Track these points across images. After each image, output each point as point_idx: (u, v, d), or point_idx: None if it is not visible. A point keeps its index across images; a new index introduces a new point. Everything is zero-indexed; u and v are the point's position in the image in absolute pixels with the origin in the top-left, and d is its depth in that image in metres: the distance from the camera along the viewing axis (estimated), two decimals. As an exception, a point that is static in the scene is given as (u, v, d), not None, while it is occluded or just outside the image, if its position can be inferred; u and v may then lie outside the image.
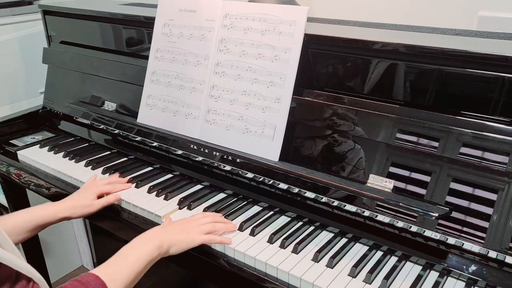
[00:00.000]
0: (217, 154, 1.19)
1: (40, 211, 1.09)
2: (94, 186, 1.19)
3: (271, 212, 1.12)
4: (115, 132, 1.42)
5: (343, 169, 1.03)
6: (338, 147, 1.04)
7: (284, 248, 0.99)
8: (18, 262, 0.71)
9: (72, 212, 1.12)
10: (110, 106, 1.47)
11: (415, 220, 0.93)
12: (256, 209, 1.14)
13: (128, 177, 1.27)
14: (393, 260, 0.96)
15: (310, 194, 1.06)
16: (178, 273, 1.89)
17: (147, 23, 1.38)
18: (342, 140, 1.03)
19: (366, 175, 1.00)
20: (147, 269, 0.91)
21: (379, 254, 0.98)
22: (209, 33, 1.21)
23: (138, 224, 1.13)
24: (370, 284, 0.89)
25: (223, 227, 1.03)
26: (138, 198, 1.18)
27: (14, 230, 1.03)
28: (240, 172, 1.16)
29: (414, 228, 0.94)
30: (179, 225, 1.00)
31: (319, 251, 0.97)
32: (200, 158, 1.23)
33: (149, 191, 1.21)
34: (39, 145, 1.50)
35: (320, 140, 1.07)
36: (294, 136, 1.10)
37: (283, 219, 1.10)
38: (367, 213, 0.99)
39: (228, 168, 1.18)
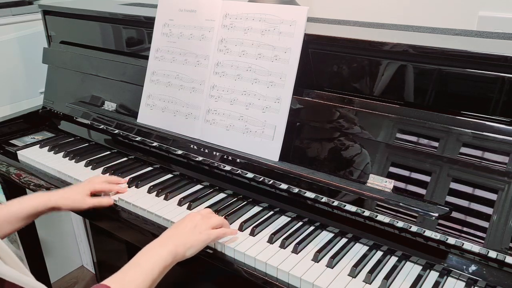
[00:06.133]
0: (217, 154, 1.19)
1: (31, 200, 1.09)
2: (90, 182, 1.18)
3: (271, 212, 1.12)
4: (115, 132, 1.42)
5: (343, 169, 1.03)
6: (338, 147, 1.04)
7: (284, 248, 0.99)
8: (22, 277, 0.69)
9: (61, 203, 1.11)
10: (110, 106, 1.47)
11: (415, 220, 0.93)
12: (256, 209, 1.14)
13: (128, 177, 1.27)
14: (393, 260, 0.96)
15: (310, 194, 1.06)
16: (178, 272, 1.89)
17: (147, 23, 1.38)
18: (342, 140, 1.03)
19: (366, 175, 1.00)
20: (162, 275, 0.88)
21: (379, 254, 0.98)
22: (209, 33, 1.21)
23: (138, 224, 1.13)
24: (370, 284, 0.89)
25: (227, 223, 1.04)
26: (138, 198, 1.18)
27: (8, 219, 1.04)
28: (240, 172, 1.16)
29: (414, 228, 0.94)
30: (189, 221, 0.97)
31: (319, 251, 0.97)
32: (200, 158, 1.23)
33: (149, 191, 1.21)
34: (39, 145, 1.50)
35: (320, 140, 1.07)
36: (294, 136, 1.10)
37: (283, 219, 1.10)
38: (367, 213, 0.99)
39: (228, 168, 1.18)
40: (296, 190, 1.08)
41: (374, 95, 1.03)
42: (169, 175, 1.31)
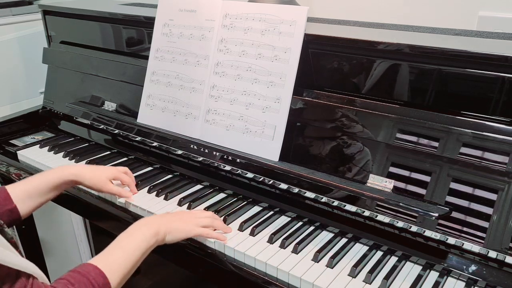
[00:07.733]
0: (217, 154, 1.19)
1: (56, 171, 1.08)
2: (116, 170, 1.17)
3: (271, 212, 1.12)
4: (115, 132, 1.42)
5: (343, 169, 1.03)
6: (337, 147, 1.04)
7: (284, 248, 0.99)
8: (15, 259, 0.70)
9: (88, 178, 1.10)
10: (110, 106, 1.47)
11: (415, 220, 0.93)
12: (256, 209, 1.14)
13: (128, 177, 1.27)
14: (393, 260, 0.96)
15: (310, 194, 1.06)
16: (178, 273, 1.89)
17: (147, 23, 1.38)
18: (342, 140, 1.03)
19: (366, 175, 1.00)
20: (144, 256, 0.91)
21: (379, 254, 0.98)
22: (209, 33, 1.21)
23: (138, 224, 1.13)
24: (370, 284, 0.89)
25: (221, 225, 1.04)
26: (138, 198, 1.18)
27: (29, 194, 1.03)
28: (240, 172, 1.16)
29: (414, 228, 0.94)
30: (177, 214, 1.01)
31: (319, 251, 0.96)
32: (200, 158, 1.23)
33: (149, 191, 1.21)
34: (39, 145, 1.50)
35: (320, 140, 1.07)
36: (294, 136, 1.10)
37: (283, 219, 1.10)
38: (367, 213, 0.99)
39: (228, 168, 1.18)
40: (296, 190, 1.08)
41: (374, 95, 1.03)
42: (169, 175, 1.31)
